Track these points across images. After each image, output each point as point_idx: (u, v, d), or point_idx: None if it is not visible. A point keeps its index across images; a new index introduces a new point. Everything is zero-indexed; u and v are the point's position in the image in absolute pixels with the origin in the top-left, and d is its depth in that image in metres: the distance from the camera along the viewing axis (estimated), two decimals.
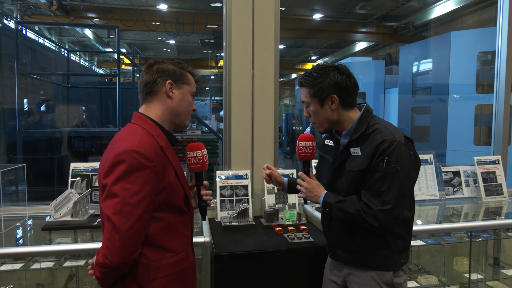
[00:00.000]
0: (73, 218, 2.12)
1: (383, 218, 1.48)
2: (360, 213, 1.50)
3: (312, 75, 1.59)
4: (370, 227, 1.52)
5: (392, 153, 1.48)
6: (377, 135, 1.54)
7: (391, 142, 1.49)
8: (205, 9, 10.23)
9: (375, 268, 1.59)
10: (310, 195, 1.67)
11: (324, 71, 1.58)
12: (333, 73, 1.57)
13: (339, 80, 1.57)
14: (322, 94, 1.58)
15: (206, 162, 1.56)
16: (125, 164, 1.22)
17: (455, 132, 6.33)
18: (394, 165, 1.47)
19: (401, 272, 1.62)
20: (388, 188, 1.48)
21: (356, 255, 1.63)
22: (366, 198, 1.51)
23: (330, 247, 1.77)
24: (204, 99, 17.00)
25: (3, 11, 10.28)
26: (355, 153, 1.58)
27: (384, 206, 1.47)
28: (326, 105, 1.59)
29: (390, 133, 1.53)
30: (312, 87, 1.59)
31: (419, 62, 7.48)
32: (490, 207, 2.77)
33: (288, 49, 15.99)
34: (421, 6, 10.51)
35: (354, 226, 1.59)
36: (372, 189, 1.51)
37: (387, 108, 8.74)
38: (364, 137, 1.58)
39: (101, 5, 10.52)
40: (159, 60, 1.44)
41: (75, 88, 7.43)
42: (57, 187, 2.32)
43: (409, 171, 1.53)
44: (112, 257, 1.20)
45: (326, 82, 1.57)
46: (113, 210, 1.20)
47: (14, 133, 4.89)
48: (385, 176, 1.48)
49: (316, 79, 1.58)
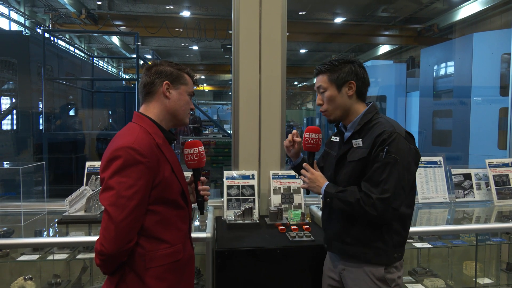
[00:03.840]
0: (86, 213, 2.25)
1: (382, 207, 1.51)
2: (360, 202, 1.54)
3: (332, 63, 1.67)
4: (369, 217, 1.55)
5: (392, 143, 1.53)
6: (378, 126, 1.60)
7: (391, 133, 1.54)
8: (226, 15, 10.41)
9: (368, 261, 1.62)
10: (313, 185, 1.71)
11: (343, 61, 1.67)
12: (352, 64, 1.66)
13: (358, 70, 1.66)
14: (342, 79, 1.65)
15: (203, 158, 1.64)
16: (121, 160, 1.32)
17: (478, 136, 6.16)
18: (393, 155, 1.52)
19: (394, 269, 1.64)
20: (387, 177, 1.51)
21: (351, 247, 1.65)
22: (365, 188, 1.55)
23: (327, 239, 1.80)
24: (227, 103, 17.20)
25: (36, 20, 10.85)
26: (357, 145, 1.64)
27: (383, 195, 1.51)
28: (343, 90, 1.66)
29: (391, 125, 1.58)
30: (332, 73, 1.66)
31: (440, 64, 7.34)
32: (504, 210, 2.71)
33: (310, 53, 15.96)
34: (445, 7, 10.28)
35: (352, 218, 1.63)
36: (372, 179, 1.55)
37: (409, 112, 8.60)
38: (366, 129, 1.64)
39: (127, 13, 10.91)
40: (158, 63, 1.54)
41: (100, 93, 7.75)
42: (76, 185, 2.46)
43: (409, 164, 1.56)
44: (108, 245, 1.29)
45: (346, 69, 1.65)
46: (109, 202, 1.30)
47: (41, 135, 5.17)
48: (384, 165, 1.52)
49: (336, 66, 1.66)
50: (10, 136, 5.61)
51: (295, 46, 14.61)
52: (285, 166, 2.82)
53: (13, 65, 5.70)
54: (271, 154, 2.73)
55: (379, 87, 8.97)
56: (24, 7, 10.23)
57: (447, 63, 7.22)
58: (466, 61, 6.35)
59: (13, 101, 6.17)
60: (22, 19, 10.20)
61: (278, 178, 2.66)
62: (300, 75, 19.44)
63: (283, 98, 2.75)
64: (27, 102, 5.84)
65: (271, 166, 2.71)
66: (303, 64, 17.28)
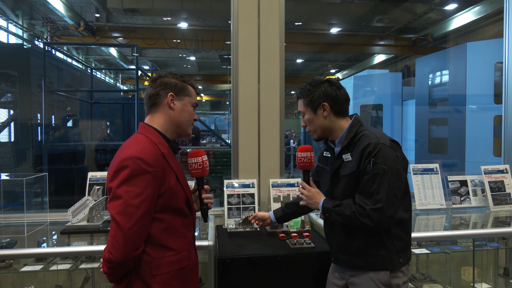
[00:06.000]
0: (89, 223, 2.28)
1: (377, 217, 1.56)
2: (356, 215, 1.59)
3: (306, 88, 1.78)
4: (366, 228, 1.60)
5: (378, 154, 1.59)
6: (363, 139, 1.67)
7: (376, 144, 1.61)
8: (223, 26, 10.55)
9: (374, 269, 1.65)
10: (311, 202, 1.80)
11: (315, 83, 1.77)
12: (324, 85, 1.75)
13: (329, 91, 1.74)
14: (315, 103, 1.75)
15: (206, 167, 1.69)
16: (128, 169, 1.36)
17: (474, 143, 6.23)
18: (381, 166, 1.58)
19: (400, 273, 1.67)
20: (378, 188, 1.57)
21: (356, 258, 1.70)
22: (359, 200, 1.61)
23: (333, 252, 1.85)
24: (224, 113, 17.28)
25: (34, 32, 10.93)
26: (347, 159, 1.71)
27: (376, 205, 1.56)
28: (318, 112, 1.75)
29: (375, 137, 1.65)
30: (306, 98, 1.78)
31: (435, 73, 7.45)
32: (500, 216, 2.76)
33: (306, 63, 16.14)
34: (439, 17, 10.47)
35: (352, 229, 1.68)
36: (364, 191, 1.61)
37: (405, 120, 8.68)
38: (353, 144, 1.71)
39: (125, 25, 11.03)
40: (162, 75, 1.60)
41: (99, 104, 7.79)
42: (77, 196, 2.49)
43: (398, 171, 1.62)
44: (116, 253, 1.33)
45: (318, 93, 1.74)
46: (117, 210, 1.34)
47: (40, 147, 5.19)
48: (374, 176, 1.58)
49: (309, 91, 1.76)
50: (10, 147, 5.63)
51: (292, 56, 14.79)
52: (284, 175, 2.86)
53: (12, 78, 5.75)
54: (270, 163, 2.78)
55: (375, 96, 9.07)
56: (23, 20, 10.32)
57: (442, 72, 7.33)
58: (460, 70, 6.45)
59: (11, 113, 6.20)
60: (20, 32, 10.28)
61: (277, 186, 2.70)
62: (297, 85, 19.57)
63: (281, 107, 2.80)
64: (27, 114, 5.87)
65: (270, 174, 2.76)
66: (300, 74, 17.45)
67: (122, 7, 9.03)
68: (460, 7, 9.54)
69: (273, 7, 2.73)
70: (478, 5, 9.08)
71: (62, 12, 9.08)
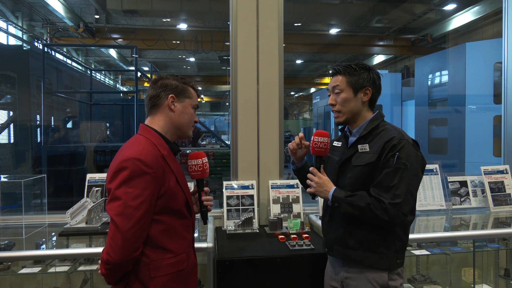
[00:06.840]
0: (87, 225, 2.27)
1: (394, 212, 1.53)
2: (370, 207, 1.55)
3: (351, 66, 1.71)
4: (379, 221, 1.56)
5: (402, 150, 1.57)
6: (386, 133, 1.64)
7: (400, 139, 1.59)
8: (222, 27, 10.55)
9: (371, 266, 1.63)
10: (320, 189, 1.69)
11: (363, 66, 1.72)
12: (372, 71, 1.72)
13: (376, 78, 1.71)
14: (360, 84, 1.69)
15: (206, 169, 1.68)
16: (127, 170, 1.35)
17: (474, 143, 6.22)
18: (404, 161, 1.56)
19: (397, 276, 1.65)
20: (398, 183, 1.54)
21: (353, 251, 1.66)
22: (375, 193, 1.57)
23: (328, 243, 1.79)
24: (224, 114, 17.29)
25: (34, 34, 10.93)
26: (363, 149, 1.67)
27: (395, 200, 1.53)
28: (359, 95, 1.70)
29: (399, 132, 1.64)
30: (350, 76, 1.69)
31: (434, 73, 7.44)
32: (500, 216, 2.75)
33: (306, 63, 16.15)
34: (438, 18, 10.47)
35: (356, 221, 1.64)
36: (382, 184, 1.57)
37: (405, 120, 8.68)
38: (373, 135, 1.67)
39: (125, 26, 11.03)
40: (163, 76, 1.59)
41: (98, 106, 7.79)
42: (76, 198, 2.48)
43: (417, 170, 1.61)
44: (115, 254, 1.32)
45: (365, 75, 1.69)
46: (116, 211, 1.33)
47: (40, 148, 5.19)
48: (395, 171, 1.56)
49: (355, 70, 1.70)
50: (9, 149, 5.62)
51: (291, 57, 14.80)
52: (283, 176, 2.85)
53: (11, 79, 5.74)
54: (270, 164, 2.77)
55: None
56: (22, 21, 10.32)
57: (441, 72, 7.32)
58: (459, 70, 6.44)
59: (10, 114, 6.20)
60: (20, 33, 10.28)
61: (277, 188, 2.69)
62: (296, 85, 19.62)
63: (281, 107, 2.79)
64: (26, 115, 5.86)
65: (270, 175, 2.75)
66: (299, 75, 17.46)
67: (122, 9, 9.03)
68: (459, 7, 9.55)
69: (272, 7, 2.73)
70: (477, 5, 9.09)
71: (61, 13, 9.09)
